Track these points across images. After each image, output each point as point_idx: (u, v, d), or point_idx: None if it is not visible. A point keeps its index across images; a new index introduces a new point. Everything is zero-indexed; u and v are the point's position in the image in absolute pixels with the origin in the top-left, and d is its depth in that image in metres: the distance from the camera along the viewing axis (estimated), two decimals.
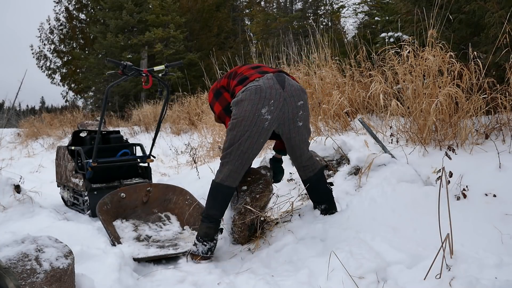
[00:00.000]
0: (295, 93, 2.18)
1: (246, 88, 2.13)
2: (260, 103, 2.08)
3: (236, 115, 2.13)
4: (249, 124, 2.10)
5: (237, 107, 2.13)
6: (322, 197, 2.42)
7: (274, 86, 2.12)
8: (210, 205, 2.25)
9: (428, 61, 2.89)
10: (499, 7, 2.93)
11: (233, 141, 2.15)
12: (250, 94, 2.09)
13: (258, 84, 2.11)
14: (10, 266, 1.49)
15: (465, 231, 1.94)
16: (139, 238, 2.62)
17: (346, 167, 2.79)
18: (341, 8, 11.02)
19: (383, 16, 5.44)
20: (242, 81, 2.21)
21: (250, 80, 2.17)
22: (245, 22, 19.13)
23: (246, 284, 1.92)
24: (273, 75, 2.18)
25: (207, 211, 2.25)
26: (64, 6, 18.60)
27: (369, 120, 3.62)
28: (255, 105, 2.08)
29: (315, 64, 4.65)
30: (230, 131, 2.17)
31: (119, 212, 2.86)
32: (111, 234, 2.46)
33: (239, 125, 2.12)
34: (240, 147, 2.14)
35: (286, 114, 2.17)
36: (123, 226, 2.74)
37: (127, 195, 2.94)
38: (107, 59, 3.01)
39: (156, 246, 2.47)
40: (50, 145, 9.74)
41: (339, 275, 1.79)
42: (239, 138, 2.13)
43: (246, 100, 2.09)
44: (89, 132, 3.75)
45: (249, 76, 2.20)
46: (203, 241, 2.24)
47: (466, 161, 2.44)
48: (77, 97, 19.18)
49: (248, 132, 2.11)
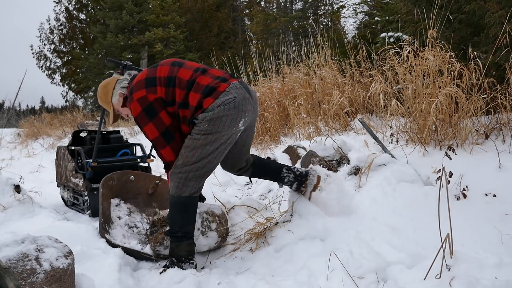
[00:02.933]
0: (256, 98, 2.19)
1: (223, 102, 1.97)
2: (239, 117, 2.03)
3: (212, 130, 1.98)
4: (226, 139, 2.04)
5: (213, 122, 1.97)
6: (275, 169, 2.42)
7: (245, 96, 2.06)
8: (185, 221, 2.11)
9: (428, 61, 2.89)
10: (499, 7, 2.93)
11: (205, 155, 2.02)
12: (229, 109, 1.98)
13: (234, 97, 2.00)
14: (10, 266, 1.49)
15: (465, 231, 1.94)
16: (129, 224, 2.66)
17: (346, 167, 2.79)
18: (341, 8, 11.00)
19: (383, 16, 5.44)
20: (209, 92, 1.99)
21: (220, 91, 2.00)
22: (245, 22, 19.13)
23: (246, 284, 1.92)
24: (240, 84, 2.09)
25: (183, 228, 2.11)
26: (64, 6, 18.61)
27: (369, 120, 3.62)
28: (234, 120, 2.01)
29: (315, 64, 4.66)
30: (201, 147, 2.00)
31: (122, 191, 2.88)
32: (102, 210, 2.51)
33: (214, 141, 2.00)
34: (213, 161, 2.07)
35: (252, 122, 2.22)
36: (119, 207, 2.78)
37: (136, 179, 2.95)
38: (107, 59, 3.01)
39: (138, 239, 2.49)
40: (50, 145, 9.74)
41: (339, 275, 1.79)
42: (212, 152, 2.03)
43: (225, 116, 1.97)
44: (89, 132, 3.75)
45: (215, 86, 2.01)
46: (189, 260, 2.13)
47: (466, 161, 2.44)
48: (77, 97, 19.19)
49: (223, 145, 2.06)
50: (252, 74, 5.93)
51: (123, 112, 2.30)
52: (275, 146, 4.56)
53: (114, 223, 2.59)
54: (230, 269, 2.16)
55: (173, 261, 2.13)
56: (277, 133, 4.78)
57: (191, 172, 2.05)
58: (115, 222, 2.60)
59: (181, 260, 2.13)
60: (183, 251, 2.13)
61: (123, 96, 2.23)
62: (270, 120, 4.85)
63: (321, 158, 2.93)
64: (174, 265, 2.12)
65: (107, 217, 2.55)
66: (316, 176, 2.39)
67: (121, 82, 2.24)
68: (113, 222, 2.59)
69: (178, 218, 2.12)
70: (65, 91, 18.98)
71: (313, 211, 2.43)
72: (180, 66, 2.11)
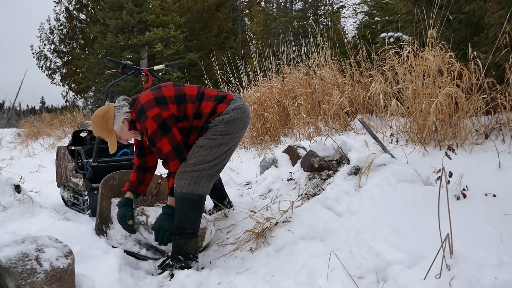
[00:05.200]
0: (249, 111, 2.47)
1: (236, 107, 2.23)
2: (247, 122, 2.31)
3: (228, 131, 2.20)
4: (237, 140, 2.27)
5: (230, 124, 2.20)
6: (224, 193, 2.81)
7: (245, 105, 2.34)
8: (196, 219, 2.17)
9: (428, 61, 2.89)
10: (499, 7, 2.93)
11: (219, 155, 2.19)
12: (242, 113, 2.24)
13: (242, 104, 2.28)
14: (10, 266, 1.50)
15: (465, 231, 1.93)
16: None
17: (346, 167, 2.79)
18: (341, 8, 11.02)
19: (383, 16, 5.44)
20: (221, 99, 2.25)
21: (229, 99, 2.28)
22: (245, 22, 19.13)
23: (246, 284, 1.93)
24: (239, 95, 2.39)
25: (193, 226, 2.16)
26: (64, 6, 18.62)
27: (369, 120, 3.62)
28: (244, 123, 2.27)
29: (315, 64, 4.66)
30: (217, 146, 2.18)
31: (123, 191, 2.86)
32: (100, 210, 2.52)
33: (229, 141, 2.21)
34: (223, 161, 2.23)
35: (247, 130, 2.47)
36: None
37: None
38: (107, 58, 3.02)
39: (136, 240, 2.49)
40: (50, 145, 9.74)
41: (339, 275, 1.79)
42: (225, 152, 2.21)
43: (239, 119, 2.23)
44: (89, 132, 3.75)
45: (224, 95, 2.30)
46: (196, 258, 2.17)
47: (466, 161, 2.44)
48: (77, 97, 19.20)
49: (233, 147, 2.27)
50: (252, 74, 5.93)
51: (127, 136, 2.32)
52: (275, 146, 4.56)
53: (113, 222, 2.58)
54: (230, 269, 2.16)
55: (179, 259, 2.14)
56: (277, 133, 4.78)
57: (204, 171, 2.16)
58: (115, 221, 2.59)
59: (188, 257, 2.15)
60: (191, 248, 2.16)
61: (128, 121, 2.26)
62: (270, 120, 4.85)
63: (321, 158, 2.94)
64: (179, 263, 2.12)
65: (105, 218, 2.55)
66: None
67: (120, 109, 2.25)
68: (113, 222, 2.59)
69: (190, 216, 2.15)
70: (65, 91, 19.00)
71: (313, 211, 2.44)
72: (182, 85, 2.31)
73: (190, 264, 2.13)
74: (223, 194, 2.82)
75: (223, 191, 2.83)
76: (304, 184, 2.91)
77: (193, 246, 2.17)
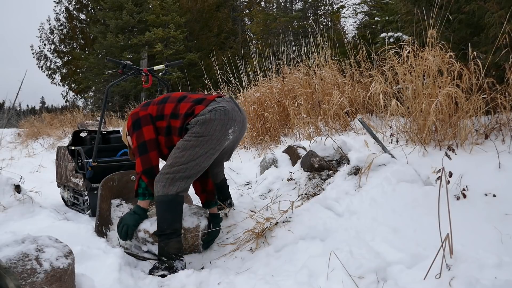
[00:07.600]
0: (245, 115, 2.45)
1: (214, 109, 2.19)
2: (228, 124, 2.22)
3: (203, 133, 2.15)
4: (215, 143, 2.20)
5: (205, 126, 2.16)
6: (227, 193, 2.78)
7: (234, 108, 2.30)
8: (174, 219, 2.18)
9: (428, 61, 2.89)
10: (498, 7, 2.93)
11: (194, 158, 2.16)
12: (220, 115, 2.18)
13: (224, 106, 2.23)
14: (10, 266, 1.49)
15: (465, 231, 1.93)
16: None
17: (346, 167, 2.79)
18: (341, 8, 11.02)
19: (383, 16, 5.45)
20: (200, 101, 2.25)
21: (210, 99, 2.26)
22: (245, 22, 19.13)
23: (246, 284, 1.92)
24: (230, 98, 2.36)
25: (171, 226, 2.17)
26: (64, 6, 18.64)
27: (369, 120, 3.62)
28: (224, 125, 2.20)
29: (315, 64, 4.66)
30: (192, 148, 2.15)
31: (123, 192, 2.88)
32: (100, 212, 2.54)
33: (204, 143, 2.16)
34: (200, 164, 2.19)
35: (241, 135, 2.44)
36: (120, 207, 2.79)
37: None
38: (107, 58, 3.02)
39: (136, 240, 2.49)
40: (50, 145, 9.74)
41: (339, 275, 1.79)
42: (201, 155, 2.17)
43: (216, 120, 2.17)
44: (89, 132, 3.75)
45: (205, 97, 2.29)
46: (179, 257, 2.17)
47: (466, 161, 2.44)
48: (77, 97, 19.22)
49: (212, 150, 2.20)
50: (252, 74, 5.93)
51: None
52: (275, 146, 4.56)
53: (113, 224, 2.58)
54: (230, 269, 2.16)
55: (163, 260, 2.14)
56: (277, 133, 4.78)
57: (179, 173, 2.17)
58: (115, 223, 2.59)
59: (171, 257, 2.15)
60: (172, 248, 2.16)
61: None
62: (270, 120, 4.85)
63: (321, 158, 2.94)
64: (163, 264, 2.13)
65: (105, 219, 2.54)
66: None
67: None
68: (113, 223, 2.59)
69: (166, 216, 2.17)
70: (65, 91, 19.03)
71: (313, 211, 2.44)
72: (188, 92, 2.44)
73: (173, 263, 2.13)
74: (225, 194, 2.80)
75: (225, 192, 2.81)
76: (304, 184, 2.91)
77: (175, 246, 2.16)
